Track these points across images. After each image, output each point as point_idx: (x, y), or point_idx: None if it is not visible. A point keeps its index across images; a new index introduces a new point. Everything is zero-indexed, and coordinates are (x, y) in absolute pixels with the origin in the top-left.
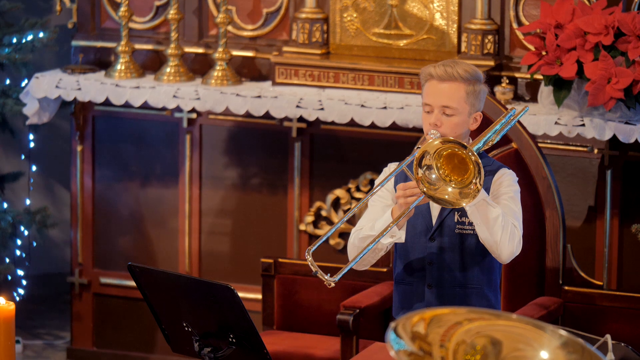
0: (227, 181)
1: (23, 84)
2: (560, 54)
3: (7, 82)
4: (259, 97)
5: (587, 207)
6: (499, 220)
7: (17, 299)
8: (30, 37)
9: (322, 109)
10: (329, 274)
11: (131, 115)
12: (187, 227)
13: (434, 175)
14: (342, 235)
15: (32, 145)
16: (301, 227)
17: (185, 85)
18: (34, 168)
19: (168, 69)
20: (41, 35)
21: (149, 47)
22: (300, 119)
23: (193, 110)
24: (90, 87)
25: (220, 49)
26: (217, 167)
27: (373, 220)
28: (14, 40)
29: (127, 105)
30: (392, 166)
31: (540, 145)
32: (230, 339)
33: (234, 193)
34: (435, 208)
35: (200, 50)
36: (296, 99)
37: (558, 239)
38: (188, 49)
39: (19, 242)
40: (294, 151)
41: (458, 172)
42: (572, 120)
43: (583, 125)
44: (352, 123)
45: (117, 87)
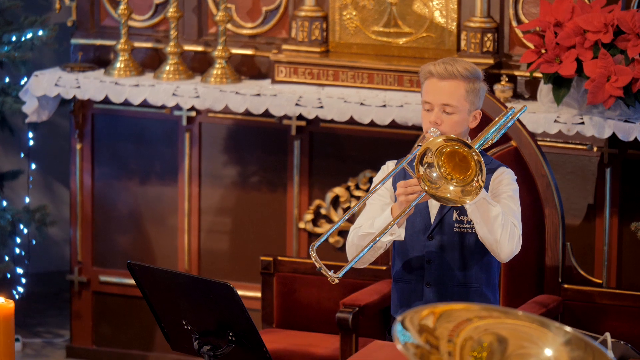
0: (227, 179)
1: (22, 82)
2: (559, 52)
3: (7, 80)
4: (258, 95)
5: (586, 205)
6: (498, 219)
7: (17, 297)
8: (29, 35)
9: (321, 107)
10: (332, 270)
11: (130, 114)
12: (186, 225)
13: (435, 174)
14: (342, 233)
15: (31, 143)
16: (300, 225)
17: (185, 84)
18: (34, 166)
19: (167, 67)
20: (40, 33)
21: (148, 45)
22: (300, 117)
23: (192, 109)
24: (89, 85)
25: (219, 47)
26: (217, 165)
27: (372, 219)
28: (14, 39)
29: (126, 103)
30: (390, 164)
31: (539, 143)
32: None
33: (233, 191)
34: (434, 206)
35: (199, 49)
36: (295, 97)
37: (557, 237)
38: (187, 47)
39: (18, 240)
40: (294, 149)
41: (459, 170)
42: (571, 119)
43: (582, 123)
44: (351, 121)
45: (117, 85)
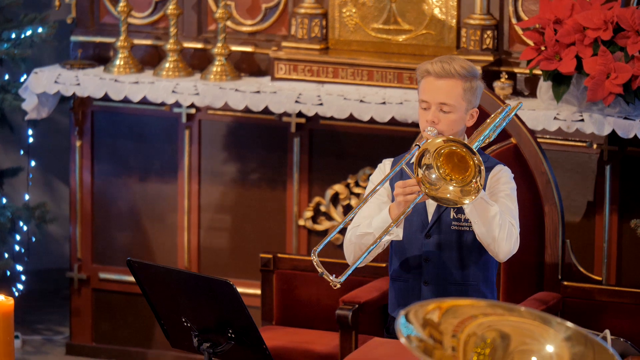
0: (226, 176)
1: (22, 80)
2: (559, 49)
3: (6, 77)
4: (257, 92)
5: (586, 202)
6: (496, 219)
7: (16, 294)
8: (29, 33)
9: (321, 104)
10: (334, 275)
11: (130, 111)
12: (186, 223)
13: (434, 175)
14: (342, 231)
15: (31, 140)
16: (300, 223)
17: (184, 81)
18: (33, 163)
19: (167, 64)
20: (40, 30)
21: (148, 42)
22: (299, 114)
23: (192, 106)
24: (89, 83)
25: (219, 44)
26: (216, 162)
27: (369, 218)
28: (13, 36)
29: (126, 100)
30: (386, 162)
31: (539, 140)
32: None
33: (233, 188)
34: (431, 205)
35: (199, 46)
36: (295, 94)
37: (557, 234)
38: (187, 44)
39: (17, 237)
40: (293, 146)
41: (458, 171)
42: (571, 116)
43: (582, 120)
44: (351, 118)
45: (116, 83)
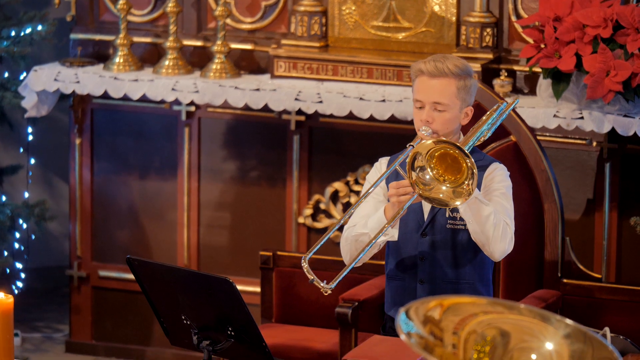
0: (226, 174)
1: (22, 77)
2: (559, 47)
3: (6, 75)
4: (257, 90)
5: (585, 199)
6: (491, 218)
7: (16, 292)
8: (28, 30)
9: (320, 101)
10: (324, 281)
11: (130, 108)
12: (185, 220)
13: (427, 176)
14: (341, 228)
15: (30, 138)
16: (300, 220)
17: (184, 78)
18: (33, 161)
19: (167, 62)
20: (40, 28)
21: (147, 40)
22: (299, 112)
23: (192, 103)
24: (88, 80)
25: (218, 42)
26: (216, 160)
27: (365, 217)
28: (13, 33)
29: (125, 98)
30: (382, 161)
31: (538, 138)
32: (228, 332)
33: (232, 186)
34: (427, 204)
35: (198, 43)
36: (295, 92)
37: (557, 231)
38: (187, 42)
39: (17, 235)
40: (293, 144)
41: (451, 171)
42: (570, 113)
43: (582, 118)
44: (350, 116)
45: (116, 80)
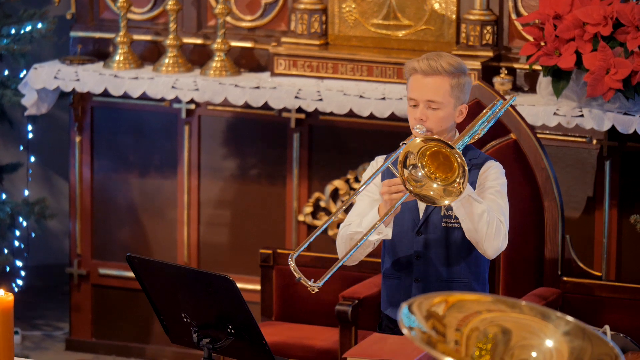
0: (226, 172)
1: (22, 75)
2: (559, 45)
3: (6, 73)
4: (257, 88)
5: (585, 197)
6: (484, 216)
7: (16, 290)
8: (28, 28)
9: (320, 99)
10: (312, 280)
11: (130, 106)
12: (185, 218)
13: (420, 173)
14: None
15: (30, 136)
16: (300, 218)
17: (184, 76)
18: (33, 159)
19: (167, 60)
20: (40, 26)
21: (147, 37)
22: (299, 110)
23: (192, 101)
24: (88, 78)
25: (218, 40)
26: (216, 158)
27: (361, 216)
28: (13, 31)
29: (125, 96)
30: (378, 159)
31: (539, 136)
32: (229, 330)
33: (232, 184)
34: (422, 202)
35: (198, 41)
36: (295, 90)
37: (557, 229)
38: (187, 40)
39: (17, 233)
40: (293, 142)
41: (443, 169)
42: (570, 111)
43: (582, 116)
44: (350, 114)
45: (116, 78)
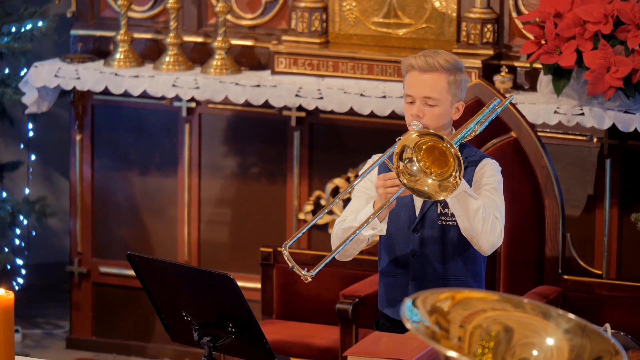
0: (227, 170)
1: (22, 73)
2: (559, 43)
3: (6, 71)
4: (258, 86)
5: (586, 196)
6: (479, 212)
7: (16, 288)
8: (29, 26)
9: (321, 98)
10: (305, 269)
11: (130, 105)
12: (186, 217)
13: (414, 167)
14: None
15: (31, 134)
16: (300, 216)
17: (185, 75)
18: (33, 157)
19: (167, 58)
20: (40, 24)
21: (148, 36)
22: (300, 108)
23: (192, 100)
24: (89, 76)
25: (219, 38)
26: (216, 156)
27: (357, 212)
28: (13, 29)
29: (126, 94)
30: (376, 157)
31: (539, 134)
32: (229, 328)
33: (233, 182)
34: (418, 200)
35: (199, 40)
36: (295, 88)
37: (557, 228)
38: (187, 38)
39: (18, 231)
40: (293, 140)
41: (439, 165)
42: (571, 109)
43: (582, 114)
44: (351, 112)
45: (116, 76)
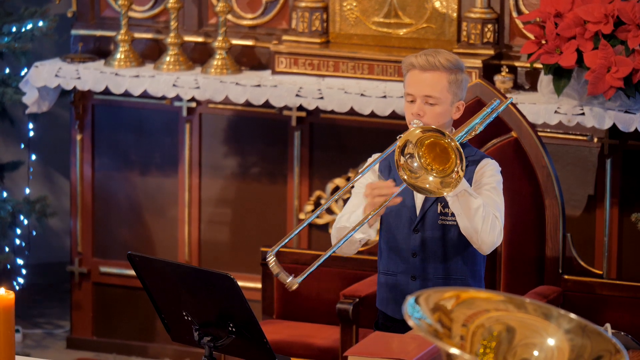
0: (227, 170)
1: (22, 73)
2: (560, 43)
3: (7, 71)
4: (258, 86)
5: (586, 196)
6: (479, 211)
7: (17, 288)
8: (29, 26)
9: (321, 97)
10: (292, 275)
11: (131, 104)
12: (186, 216)
13: (415, 164)
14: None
15: (31, 134)
16: (301, 216)
17: (185, 74)
18: (34, 157)
19: (168, 58)
20: (40, 24)
21: (148, 36)
22: (300, 108)
23: (193, 99)
24: (89, 76)
25: (219, 38)
26: (217, 156)
27: (357, 206)
28: (14, 29)
29: (126, 94)
30: (376, 156)
31: (540, 134)
32: (230, 328)
33: (233, 182)
34: (419, 199)
35: (199, 39)
36: (296, 88)
37: (558, 228)
38: (188, 38)
39: (18, 231)
40: (294, 140)
41: (440, 161)
42: (571, 109)
43: (583, 114)
44: (351, 112)
45: (117, 76)
